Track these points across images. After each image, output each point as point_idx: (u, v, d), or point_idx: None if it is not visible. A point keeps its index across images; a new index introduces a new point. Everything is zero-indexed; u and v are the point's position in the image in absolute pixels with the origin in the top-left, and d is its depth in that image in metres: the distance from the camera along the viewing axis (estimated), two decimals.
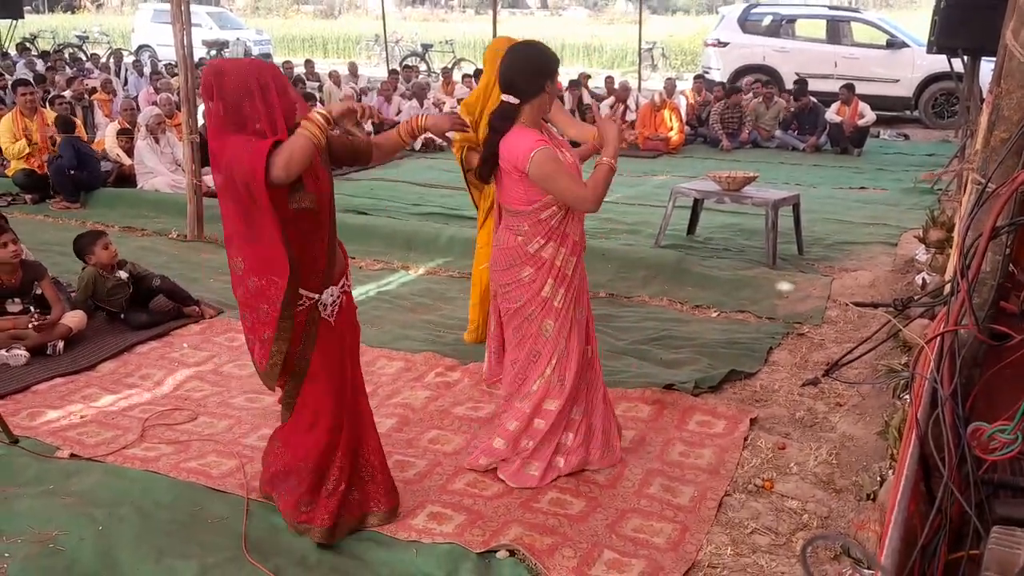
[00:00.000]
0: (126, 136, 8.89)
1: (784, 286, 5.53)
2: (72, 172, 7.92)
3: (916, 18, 19.58)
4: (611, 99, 12.59)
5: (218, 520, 2.97)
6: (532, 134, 2.96)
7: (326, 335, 2.75)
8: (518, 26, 30.98)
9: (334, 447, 2.81)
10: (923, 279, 5.05)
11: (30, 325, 4.35)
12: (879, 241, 6.81)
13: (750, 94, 12.61)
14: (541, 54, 3.05)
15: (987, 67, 7.62)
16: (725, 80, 14.48)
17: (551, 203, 3.00)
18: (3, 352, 4.24)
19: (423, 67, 20.78)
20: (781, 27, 15.36)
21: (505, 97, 2.99)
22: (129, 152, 8.75)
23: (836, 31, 14.93)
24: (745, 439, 3.58)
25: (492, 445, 3.27)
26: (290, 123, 2.52)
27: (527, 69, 3.00)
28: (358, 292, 5.33)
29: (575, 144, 3.35)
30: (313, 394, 2.77)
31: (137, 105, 9.92)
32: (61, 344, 4.41)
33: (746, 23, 15.46)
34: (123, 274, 4.82)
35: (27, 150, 8.11)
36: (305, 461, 2.80)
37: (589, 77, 14.45)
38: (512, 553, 2.78)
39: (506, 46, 4.16)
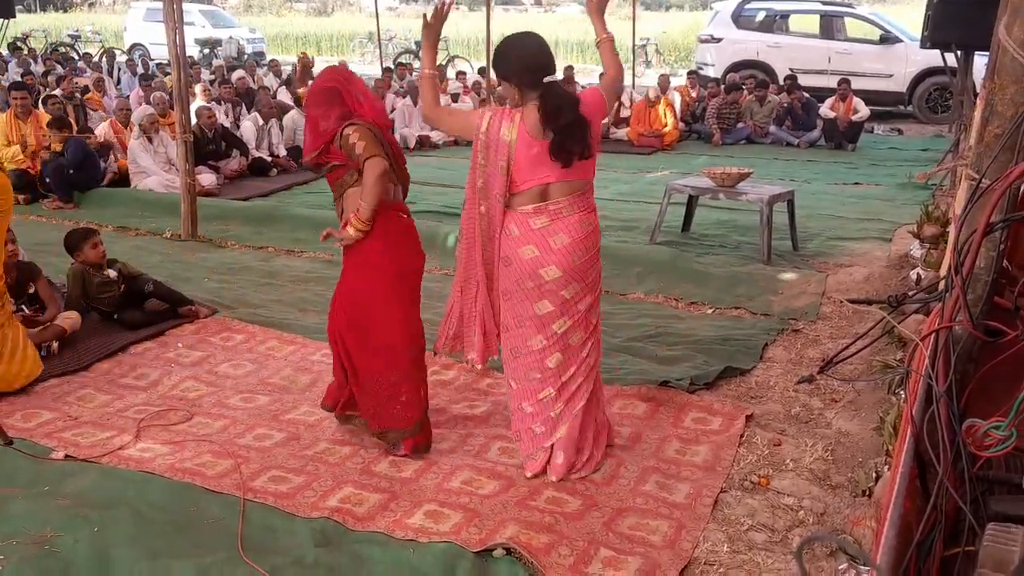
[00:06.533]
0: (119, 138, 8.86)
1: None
2: (71, 172, 7.89)
3: (909, 13, 19.64)
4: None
5: (214, 520, 2.96)
6: None
7: None
8: (512, 22, 30.92)
9: None
10: (918, 275, 5.06)
11: (27, 313, 4.32)
12: (874, 237, 6.82)
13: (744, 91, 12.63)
14: None
15: (981, 62, 7.66)
16: (720, 76, 14.49)
17: None
18: None
19: (417, 64, 20.74)
20: (775, 22, 15.39)
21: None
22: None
23: (829, 26, 14.96)
24: (741, 436, 3.58)
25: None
26: None
27: None
28: None
29: None
30: None
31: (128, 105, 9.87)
32: (56, 345, 4.39)
33: (740, 19, 15.48)
34: (112, 272, 4.80)
35: (20, 156, 8.05)
36: None
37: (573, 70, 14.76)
38: (509, 551, 2.78)
39: None
